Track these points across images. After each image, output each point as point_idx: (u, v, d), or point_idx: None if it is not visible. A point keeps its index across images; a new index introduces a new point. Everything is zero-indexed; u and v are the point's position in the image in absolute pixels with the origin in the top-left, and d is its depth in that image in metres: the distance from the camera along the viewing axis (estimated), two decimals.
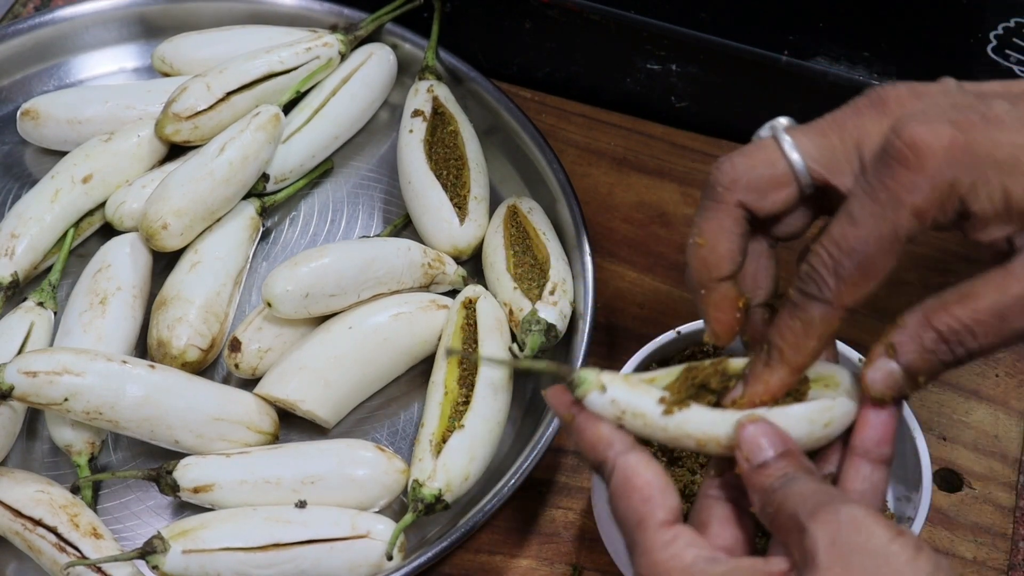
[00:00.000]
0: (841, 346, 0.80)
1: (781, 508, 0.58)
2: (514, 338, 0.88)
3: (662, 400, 0.64)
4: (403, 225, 0.98)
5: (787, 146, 0.65)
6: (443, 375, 0.86)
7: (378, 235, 0.96)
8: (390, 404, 0.90)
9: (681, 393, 0.64)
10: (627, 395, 0.63)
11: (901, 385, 0.63)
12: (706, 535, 0.61)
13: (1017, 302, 0.61)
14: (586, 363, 0.86)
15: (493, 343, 0.86)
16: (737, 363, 0.66)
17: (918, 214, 0.61)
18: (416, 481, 0.80)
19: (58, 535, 0.78)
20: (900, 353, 0.63)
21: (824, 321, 0.65)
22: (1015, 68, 0.97)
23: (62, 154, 0.97)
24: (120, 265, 0.91)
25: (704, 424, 0.63)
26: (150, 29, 1.07)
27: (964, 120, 0.61)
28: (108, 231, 0.95)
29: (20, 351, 0.86)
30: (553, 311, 0.87)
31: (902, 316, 0.65)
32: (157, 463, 0.83)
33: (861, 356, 0.80)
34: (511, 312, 0.89)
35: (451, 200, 0.94)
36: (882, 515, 0.56)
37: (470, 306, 0.89)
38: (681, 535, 0.58)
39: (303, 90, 1.01)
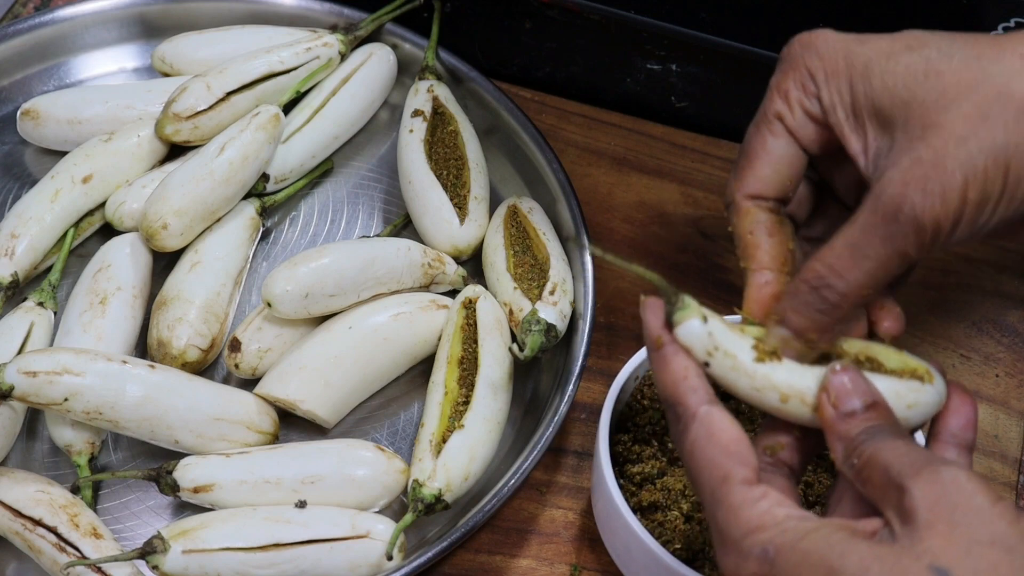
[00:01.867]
0: None
1: (872, 462, 0.58)
2: (514, 338, 0.88)
3: (756, 347, 0.63)
4: (403, 225, 0.98)
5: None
6: (443, 375, 0.86)
7: (378, 235, 0.96)
8: (390, 404, 0.90)
9: (773, 347, 0.64)
10: (724, 333, 0.63)
11: (796, 347, 0.65)
12: None
13: (865, 232, 0.63)
14: (586, 362, 0.86)
15: (493, 343, 0.86)
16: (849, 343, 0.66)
17: (783, 94, 0.68)
18: (416, 481, 0.80)
19: (58, 535, 0.78)
20: (784, 317, 0.65)
21: (741, 217, 0.70)
22: None
23: (62, 154, 0.97)
24: (120, 265, 0.91)
25: (793, 377, 0.62)
26: (150, 29, 1.07)
27: (836, 34, 0.68)
28: (108, 231, 0.95)
29: (20, 351, 0.86)
30: (553, 311, 0.87)
31: (788, 286, 0.67)
32: (157, 463, 0.83)
33: None
34: (511, 312, 0.89)
35: (451, 200, 0.94)
36: (982, 479, 0.56)
37: (470, 306, 0.89)
38: (769, 493, 0.59)
39: (303, 90, 1.00)
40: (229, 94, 0.96)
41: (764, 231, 0.69)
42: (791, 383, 0.62)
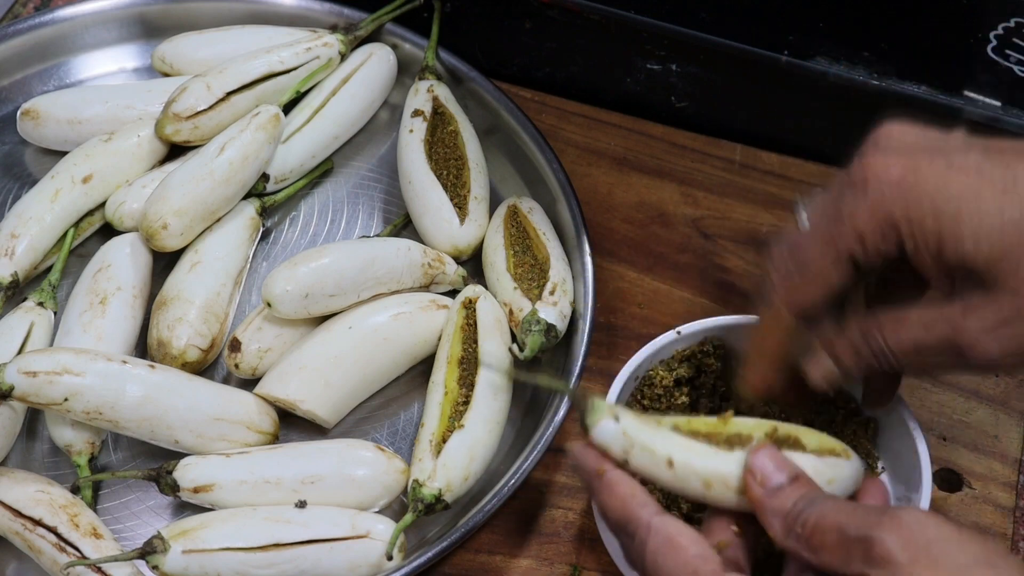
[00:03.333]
0: None
1: (821, 527, 0.58)
2: (514, 338, 0.88)
3: (676, 428, 0.64)
4: (403, 225, 0.98)
5: None
6: (443, 375, 0.86)
7: (378, 235, 0.96)
8: (390, 404, 0.90)
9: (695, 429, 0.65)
10: (639, 428, 0.63)
11: (835, 379, 0.70)
12: None
13: (936, 343, 0.65)
14: (586, 362, 0.86)
15: (493, 343, 0.86)
16: (742, 422, 0.66)
17: (858, 235, 0.65)
18: (416, 481, 0.80)
19: (58, 535, 0.78)
20: (838, 357, 0.68)
21: (774, 319, 0.70)
22: (1015, 68, 0.97)
23: (62, 154, 0.97)
24: (120, 265, 0.91)
25: (712, 462, 0.63)
26: (150, 29, 1.07)
27: (923, 161, 0.63)
28: (108, 231, 0.95)
29: (20, 351, 0.86)
30: (553, 311, 0.87)
31: (848, 321, 0.69)
32: (157, 463, 0.83)
33: None
34: (511, 312, 0.89)
35: (451, 200, 0.94)
36: (936, 513, 0.58)
37: (470, 306, 0.89)
38: None
39: (303, 90, 1.00)
40: (229, 94, 0.96)
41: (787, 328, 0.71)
42: (712, 468, 0.63)
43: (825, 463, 0.64)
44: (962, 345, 0.63)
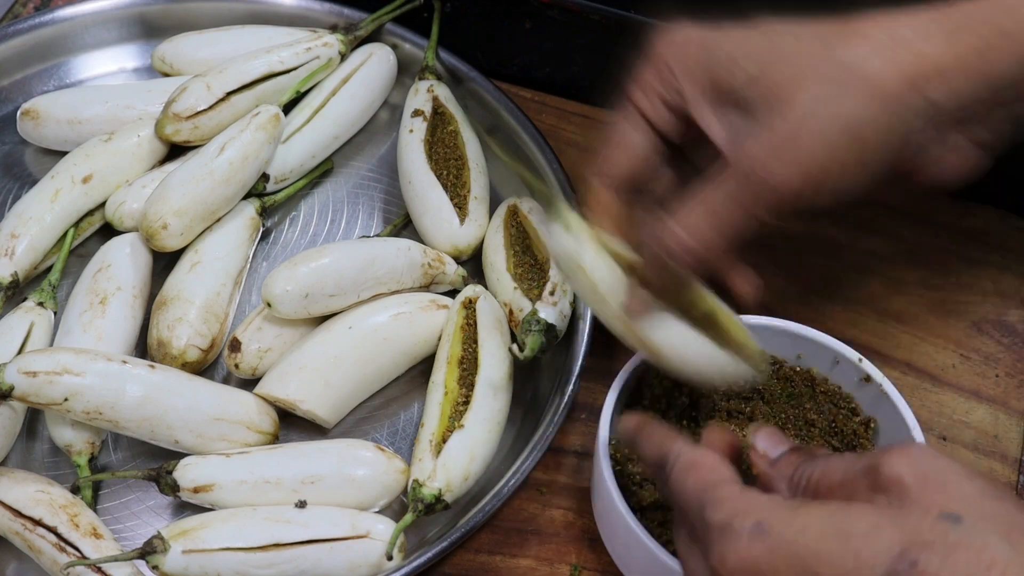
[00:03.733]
0: (840, 345, 0.80)
1: (824, 477, 0.59)
2: (514, 338, 0.88)
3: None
4: (403, 225, 0.98)
5: None
6: (443, 375, 0.86)
7: (378, 235, 0.96)
8: (390, 404, 0.90)
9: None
10: (581, 247, 0.73)
11: (657, 305, 0.73)
12: None
13: (720, 194, 0.68)
14: (585, 362, 0.86)
15: (493, 343, 0.86)
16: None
17: (644, 91, 0.74)
18: (416, 481, 0.80)
19: (58, 535, 0.78)
20: (642, 279, 0.72)
21: (595, 199, 0.76)
22: None
23: (62, 154, 0.97)
24: (120, 265, 0.91)
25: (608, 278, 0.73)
26: (150, 29, 1.07)
27: (699, 29, 0.72)
28: (108, 231, 0.95)
29: (20, 351, 0.86)
30: (553, 311, 0.87)
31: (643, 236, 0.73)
32: (157, 463, 0.83)
33: (860, 356, 0.80)
34: (511, 312, 0.89)
35: (451, 200, 0.94)
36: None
37: (470, 306, 0.89)
38: (752, 490, 0.59)
39: (303, 90, 1.00)
40: (229, 94, 0.96)
41: (609, 208, 0.75)
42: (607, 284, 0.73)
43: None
44: (755, 176, 0.66)
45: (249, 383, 0.88)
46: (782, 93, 0.67)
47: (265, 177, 0.96)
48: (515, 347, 0.86)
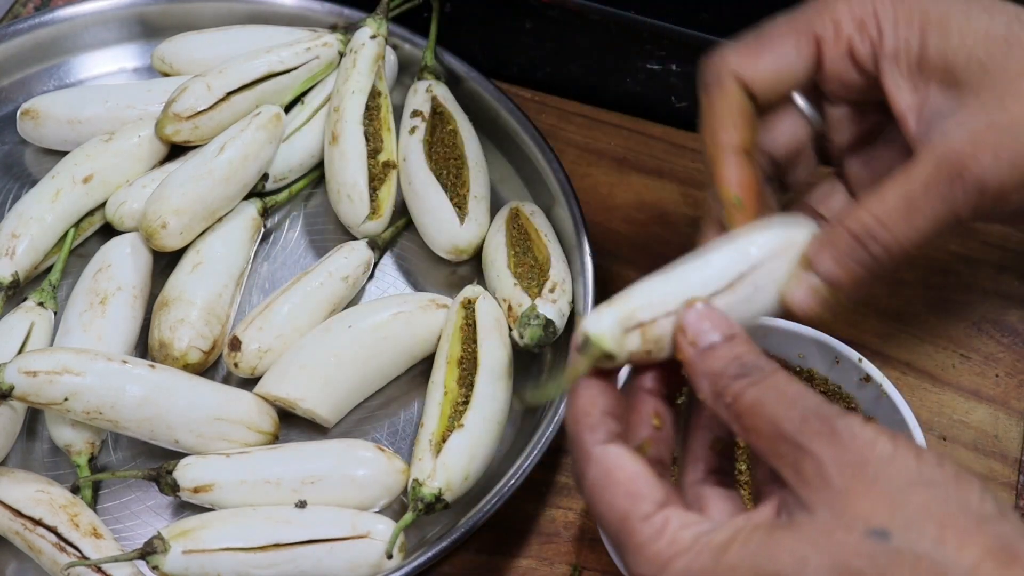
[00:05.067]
0: (840, 345, 0.80)
1: (755, 411, 0.54)
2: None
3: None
4: (404, 225, 0.98)
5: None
6: (443, 375, 0.86)
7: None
8: (390, 404, 0.90)
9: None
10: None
11: (826, 298, 0.61)
12: (706, 515, 0.57)
13: (924, 187, 0.60)
14: None
15: (493, 343, 0.86)
16: None
17: (833, 21, 0.63)
18: (416, 481, 0.80)
19: (58, 535, 0.78)
20: (817, 263, 0.61)
21: (722, 95, 0.66)
22: None
23: (62, 154, 0.97)
24: (120, 265, 0.91)
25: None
26: (150, 29, 1.07)
27: None
28: (108, 231, 0.95)
29: (20, 351, 0.86)
30: (552, 308, 0.87)
31: (828, 224, 0.64)
32: (157, 463, 0.83)
33: (860, 356, 0.80)
34: (510, 308, 0.89)
35: (451, 200, 0.94)
36: (870, 424, 0.53)
37: (469, 306, 0.89)
38: (671, 518, 0.54)
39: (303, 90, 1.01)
40: (229, 94, 0.96)
41: (737, 125, 0.65)
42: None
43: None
44: (964, 169, 0.59)
45: (249, 383, 0.88)
46: (1008, 83, 0.60)
47: (265, 176, 0.96)
48: (515, 333, 0.86)
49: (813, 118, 0.67)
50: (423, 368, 0.90)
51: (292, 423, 0.88)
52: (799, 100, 0.67)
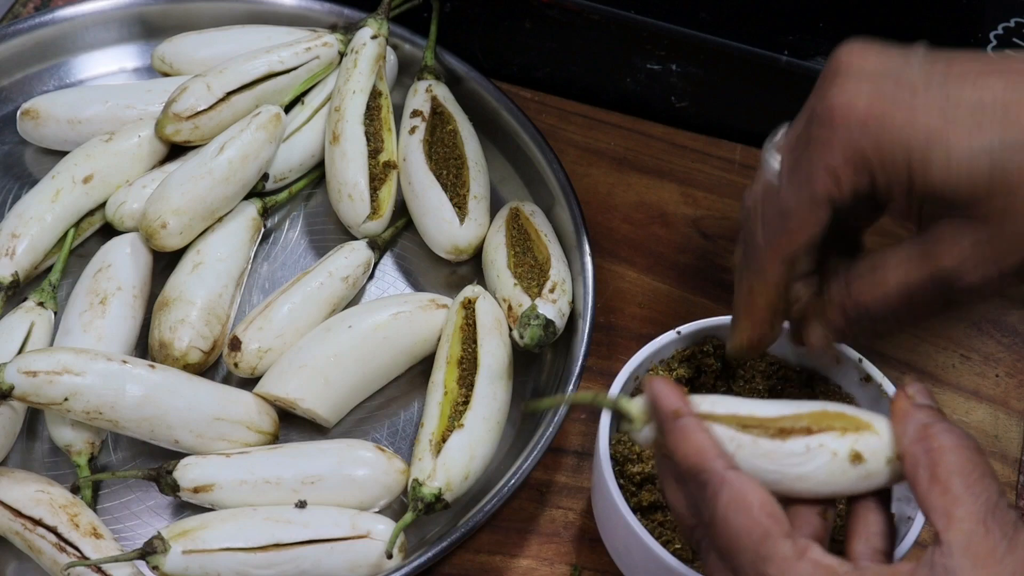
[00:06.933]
0: (840, 345, 0.80)
1: (942, 458, 0.59)
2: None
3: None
4: (403, 225, 0.98)
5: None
6: (443, 375, 0.86)
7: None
8: (390, 404, 0.90)
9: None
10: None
11: (830, 342, 0.71)
12: None
13: (914, 280, 0.65)
14: (586, 362, 0.86)
15: (492, 343, 0.86)
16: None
17: (831, 174, 0.63)
18: (416, 480, 0.80)
19: (58, 535, 0.78)
20: (829, 322, 0.69)
21: (759, 275, 0.69)
22: None
23: (62, 154, 0.97)
24: (120, 265, 0.91)
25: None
26: (150, 29, 1.07)
27: (888, 90, 0.62)
28: (108, 231, 0.95)
29: (20, 351, 0.86)
30: (552, 308, 0.87)
31: (828, 288, 0.69)
32: (157, 463, 0.83)
33: (860, 356, 0.80)
34: (510, 307, 0.89)
35: (451, 200, 0.94)
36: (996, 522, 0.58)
37: (469, 306, 0.89)
38: (812, 545, 0.59)
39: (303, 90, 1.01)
40: (229, 94, 0.96)
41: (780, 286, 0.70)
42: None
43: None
44: (945, 276, 0.63)
45: (249, 383, 0.88)
46: (993, 204, 0.61)
47: (265, 176, 0.96)
48: (515, 333, 0.86)
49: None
50: (423, 368, 0.90)
51: (292, 423, 0.88)
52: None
